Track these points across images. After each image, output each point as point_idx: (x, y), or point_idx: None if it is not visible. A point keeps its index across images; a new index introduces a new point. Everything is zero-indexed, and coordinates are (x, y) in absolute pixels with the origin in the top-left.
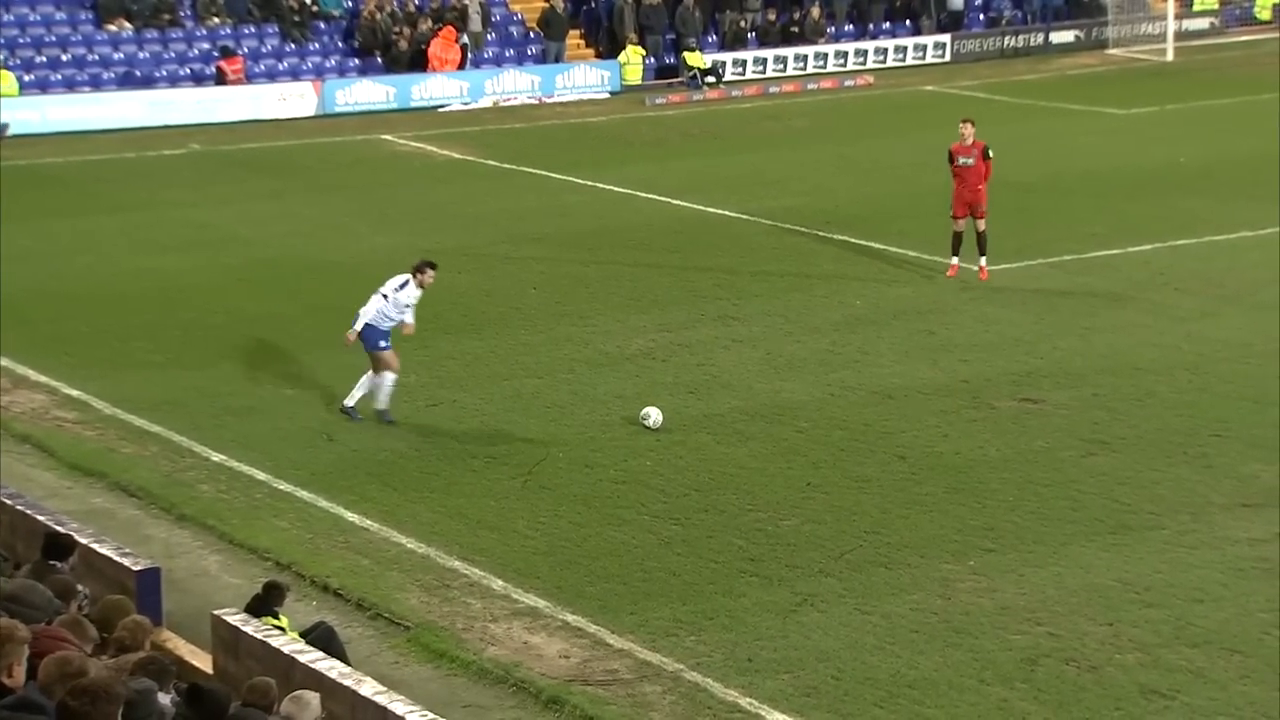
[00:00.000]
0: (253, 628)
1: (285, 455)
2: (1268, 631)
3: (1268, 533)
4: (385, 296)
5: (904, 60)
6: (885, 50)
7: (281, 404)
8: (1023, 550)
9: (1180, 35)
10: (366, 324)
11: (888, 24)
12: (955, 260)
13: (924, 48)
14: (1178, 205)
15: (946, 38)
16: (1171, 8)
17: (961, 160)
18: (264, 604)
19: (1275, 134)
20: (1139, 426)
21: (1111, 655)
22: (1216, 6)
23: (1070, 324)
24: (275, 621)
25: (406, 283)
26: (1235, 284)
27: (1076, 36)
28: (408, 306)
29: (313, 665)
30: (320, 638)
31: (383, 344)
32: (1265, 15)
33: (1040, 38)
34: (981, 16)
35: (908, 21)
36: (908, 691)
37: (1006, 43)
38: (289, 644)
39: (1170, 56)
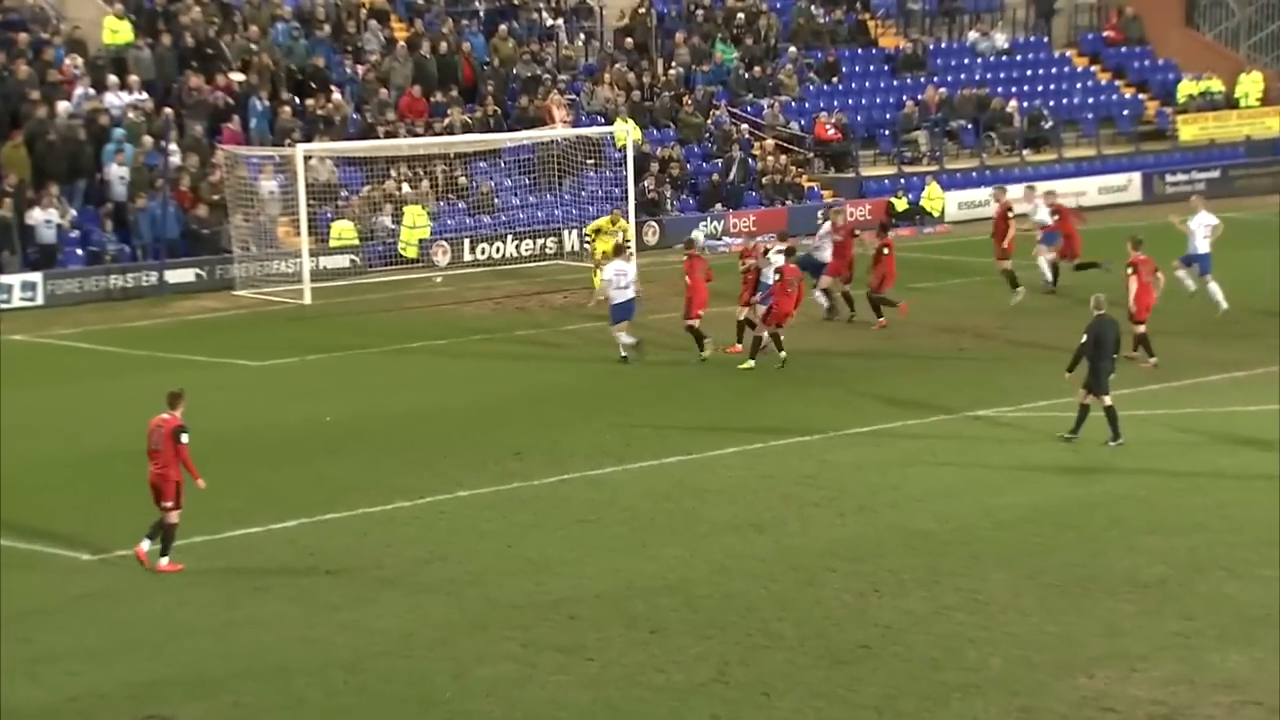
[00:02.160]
0: None
1: None
2: None
3: None
4: None
5: None
6: None
7: None
8: None
9: (318, 274)
10: None
11: None
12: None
13: (8, 289)
14: (325, 472)
15: (37, 277)
16: (306, 244)
17: (153, 444)
18: None
19: (427, 386)
20: None
21: None
22: (357, 241)
23: (204, 622)
24: None
25: None
26: (394, 564)
27: (198, 275)
28: None
29: None
30: None
31: None
32: (411, 253)
33: (153, 277)
34: (80, 251)
35: None
36: None
37: (113, 282)
38: None
39: (308, 299)
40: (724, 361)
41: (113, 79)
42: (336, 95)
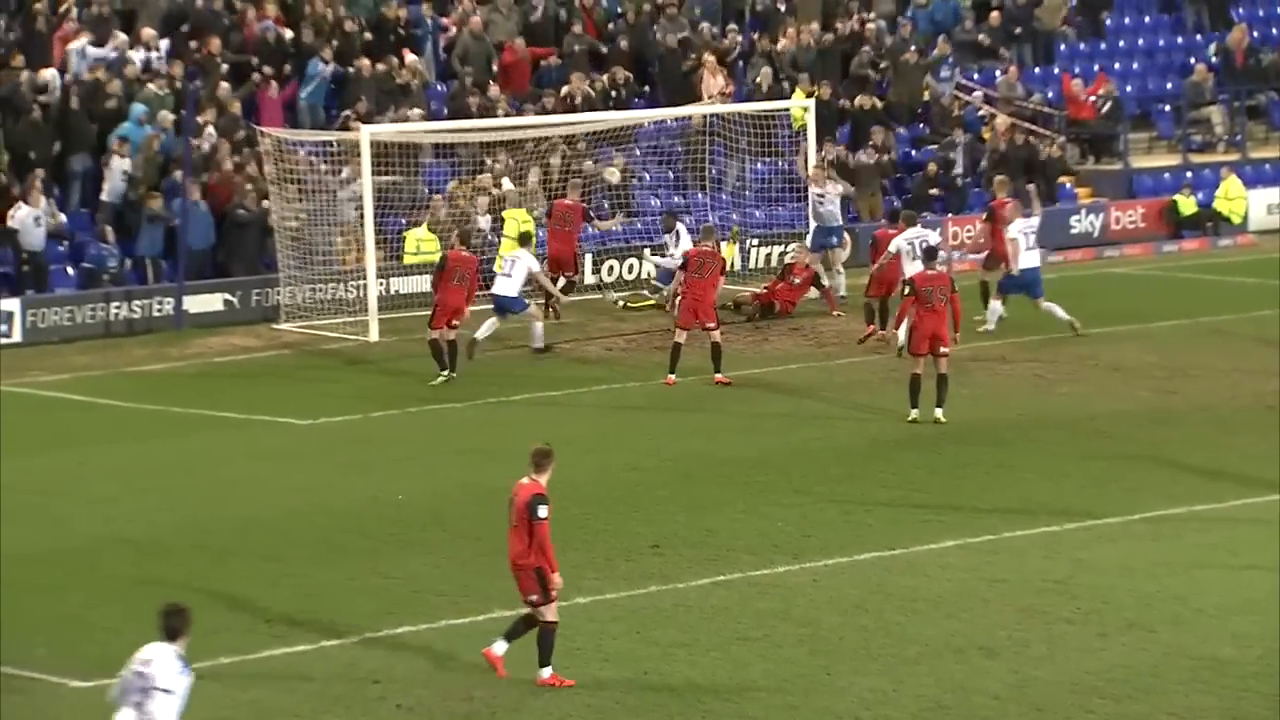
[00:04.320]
0: None
1: None
2: None
3: None
4: None
5: None
6: None
7: None
8: None
9: (389, 301)
10: None
11: None
12: None
13: None
14: (396, 571)
15: (14, 304)
16: (373, 260)
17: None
18: None
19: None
20: None
21: None
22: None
23: None
24: None
25: None
26: (489, 695)
27: (228, 302)
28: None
29: None
30: None
31: None
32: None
33: (169, 304)
34: (71, 270)
35: None
36: None
37: (116, 312)
38: None
39: (375, 335)
40: (948, 424)
41: (120, 36)
42: (413, 57)
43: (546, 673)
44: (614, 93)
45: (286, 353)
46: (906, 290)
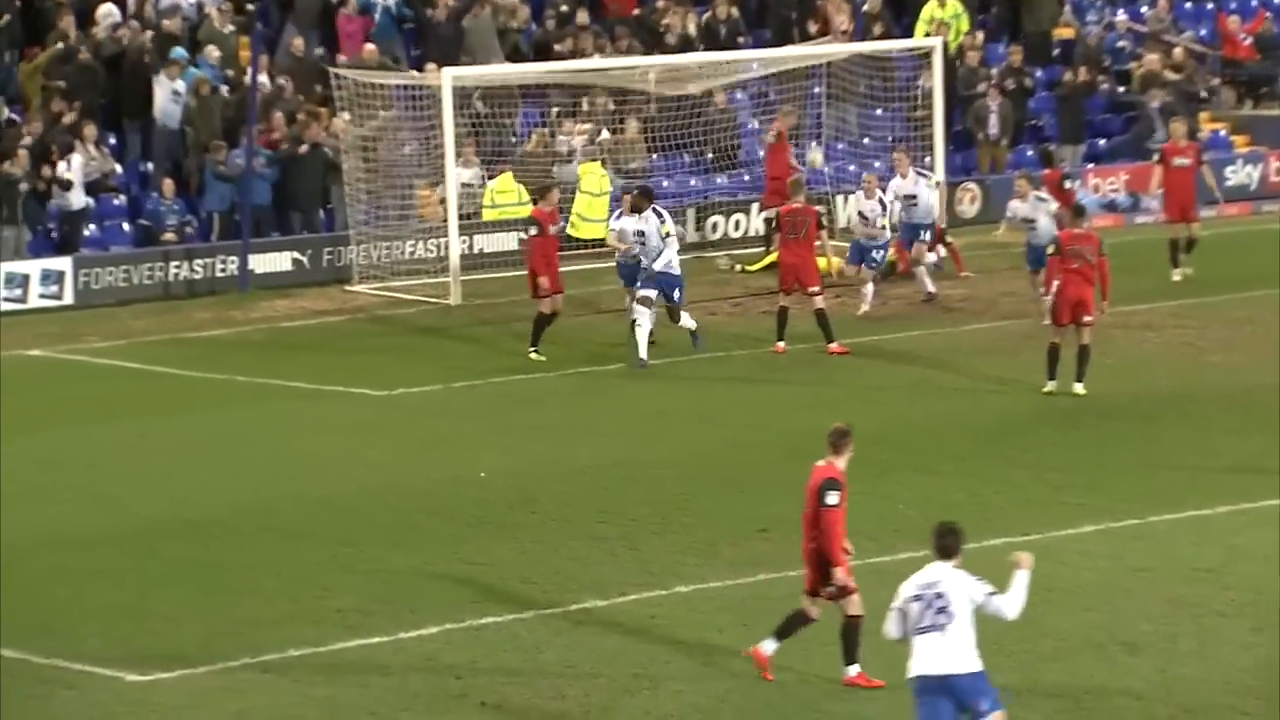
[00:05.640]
0: None
1: None
2: None
3: None
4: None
5: None
6: None
7: None
8: None
9: (472, 261)
10: None
11: None
12: None
13: (22, 281)
14: (479, 556)
15: (65, 263)
16: (454, 216)
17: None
18: None
19: (629, 429)
20: None
21: None
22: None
23: None
24: None
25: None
26: (581, 692)
27: (297, 262)
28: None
29: None
30: None
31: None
32: (594, 231)
33: (233, 264)
34: (127, 225)
35: None
36: None
37: (175, 273)
38: None
39: (456, 298)
40: (1088, 397)
41: None
42: None
43: (853, 671)
44: (716, 27)
45: (360, 317)
46: (1051, 250)
